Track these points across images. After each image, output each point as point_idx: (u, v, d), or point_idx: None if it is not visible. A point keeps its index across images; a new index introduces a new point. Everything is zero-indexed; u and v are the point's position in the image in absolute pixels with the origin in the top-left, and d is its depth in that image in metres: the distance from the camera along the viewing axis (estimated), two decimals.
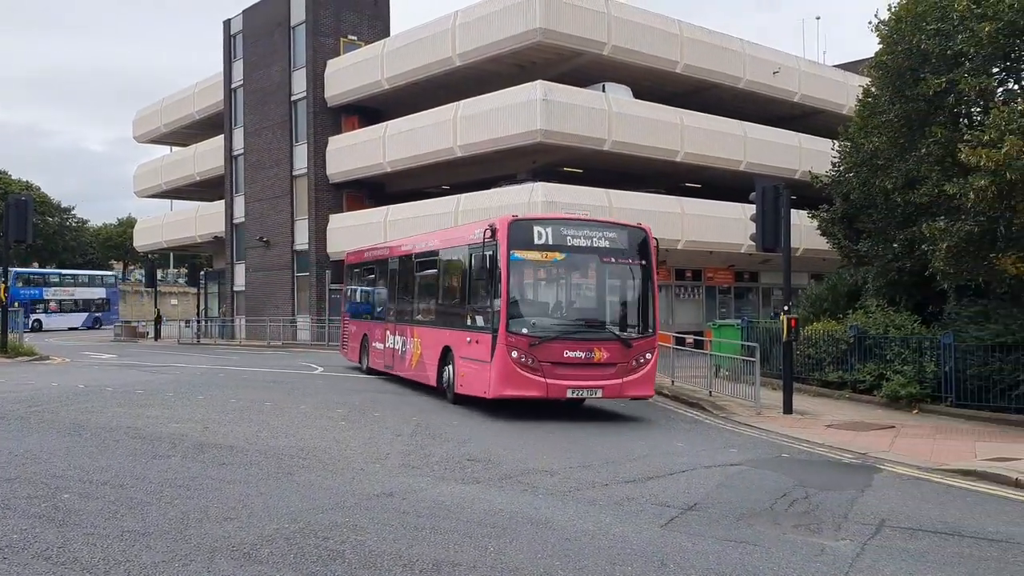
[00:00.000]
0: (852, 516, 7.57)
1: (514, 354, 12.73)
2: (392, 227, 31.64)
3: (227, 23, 43.01)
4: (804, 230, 26.69)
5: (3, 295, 24.52)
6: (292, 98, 38.32)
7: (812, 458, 10.90)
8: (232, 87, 42.70)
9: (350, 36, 37.57)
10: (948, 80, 14.39)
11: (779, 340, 15.93)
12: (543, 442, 11.23)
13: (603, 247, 13.58)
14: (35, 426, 11.37)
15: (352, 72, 35.54)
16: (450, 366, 14.81)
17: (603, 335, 13.40)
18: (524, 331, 12.88)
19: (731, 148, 32.31)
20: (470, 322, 14.06)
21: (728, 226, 30.39)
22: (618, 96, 29.82)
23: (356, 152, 35.46)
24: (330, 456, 9.63)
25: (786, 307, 14.77)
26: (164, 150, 53.95)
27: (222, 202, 43.90)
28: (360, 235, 32.27)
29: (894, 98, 16.45)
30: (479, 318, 13.76)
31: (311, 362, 25.23)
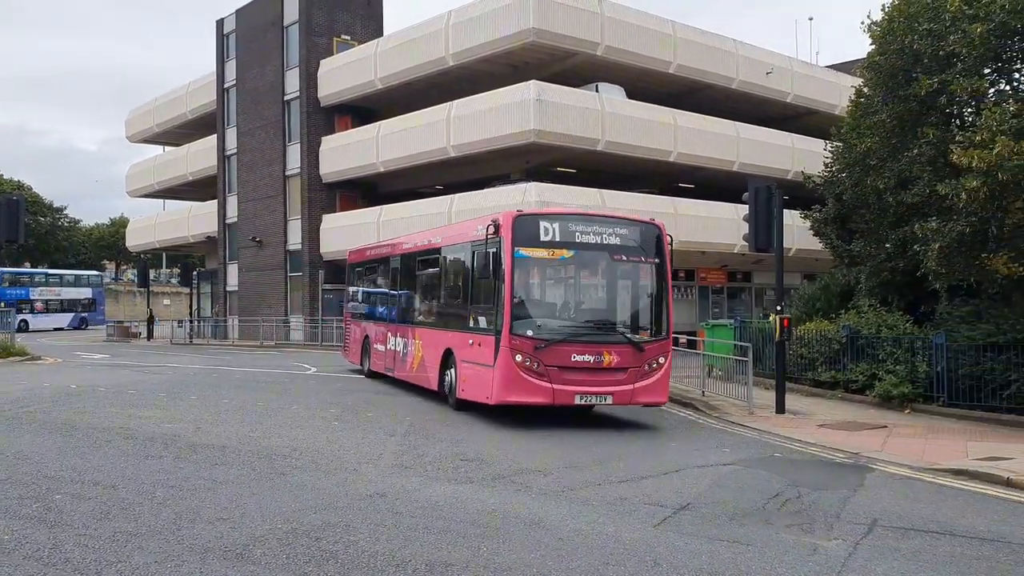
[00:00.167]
0: (844, 516, 7.59)
1: (518, 358, 11.99)
2: (385, 227, 31.61)
3: (220, 22, 42.92)
4: (797, 230, 26.76)
5: None
6: (285, 98, 38.26)
7: (805, 458, 10.92)
8: (225, 87, 42.61)
9: (343, 36, 37.52)
10: (940, 81, 14.42)
11: (772, 340, 15.96)
12: (536, 442, 11.23)
13: (614, 244, 12.78)
14: (27, 426, 11.33)
15: (345, 72, 35.50)
16: (452, 370, 14.12)
17: (613, 338, 12.64)
18: (529, 333, 12.13)
19: (724, 148, 32.39)
20: (472, 323, 13.35)
21: (721, 226, 30.44)
22: (611, 96, 29.86)
23: (349, 152, 35.41)
24: (323, 456, 9.62)
25: (779, 307, 14.80)
26: (157, 150, 53.85)
27: (215, 202, 43.79)
28: (353, 235, 32.25)
29: (886, 98, 16.49)
30: (482, 319, 13.05)
31: (304, 363, 25.18)
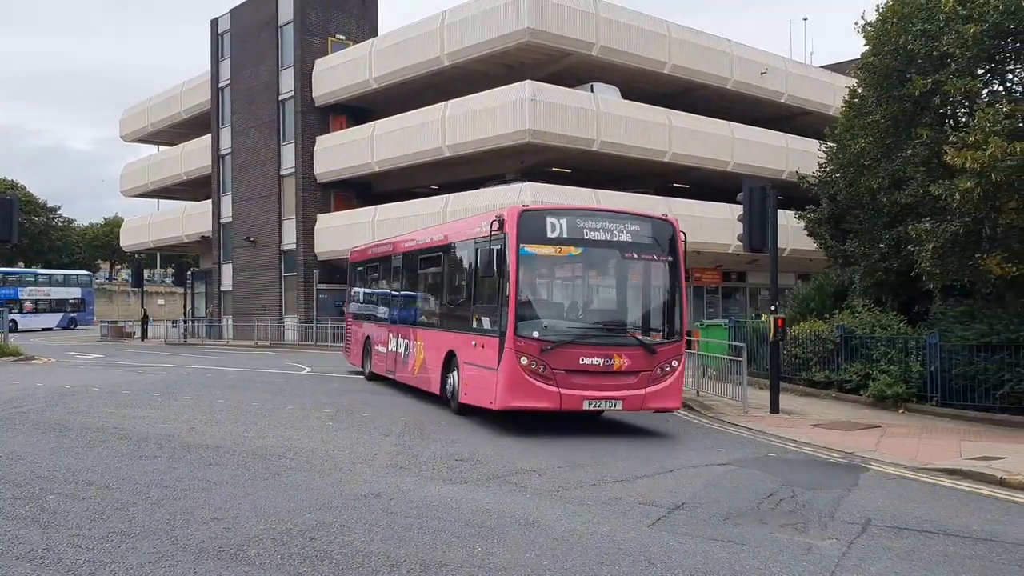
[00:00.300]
0: (838, 515, 7.60)
1: (523, 360, 11.34)
2: (380, 227, 31.58)
3: (215, 22, 42.86)
4: (791, 230, 26.80)
5: None
6: (280, 97, 38.22)
7: (799, 457, 10.94)
8: (219, 86, 42.55)
9: (338, 35, 37.50)
10: (934, 81, 14.46)
11: (766, 340, 15.98)
12: (531, 442, 11.22)
13: (625, 241, 12.13)
14: (20, 427, 11.29)
15: (340, 71, 35.47)
16: (454, 373, 13.51)
17: (624, 340, 12.04)
18: (535, 335, 11.48)
19: (719, 149, 32.45)
20: (476, 324, 12.75)
21: (716, 226, 30.48)
22: (606, 96, 29.89)
23: (344, 152, 35.39)
24: (317, 456, 9.60)
25: (773, 307, 14.82)
26: (151, 149, 53.76)
27: (209, 202, 43.74)
28: (348, 235, 32.23)
29: (880, 99, 16.54)
30: (485, 320, 12.43)
31: (299, 363, 25.14)
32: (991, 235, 13.79)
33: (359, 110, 36.42)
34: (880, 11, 16.54)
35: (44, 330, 54.43)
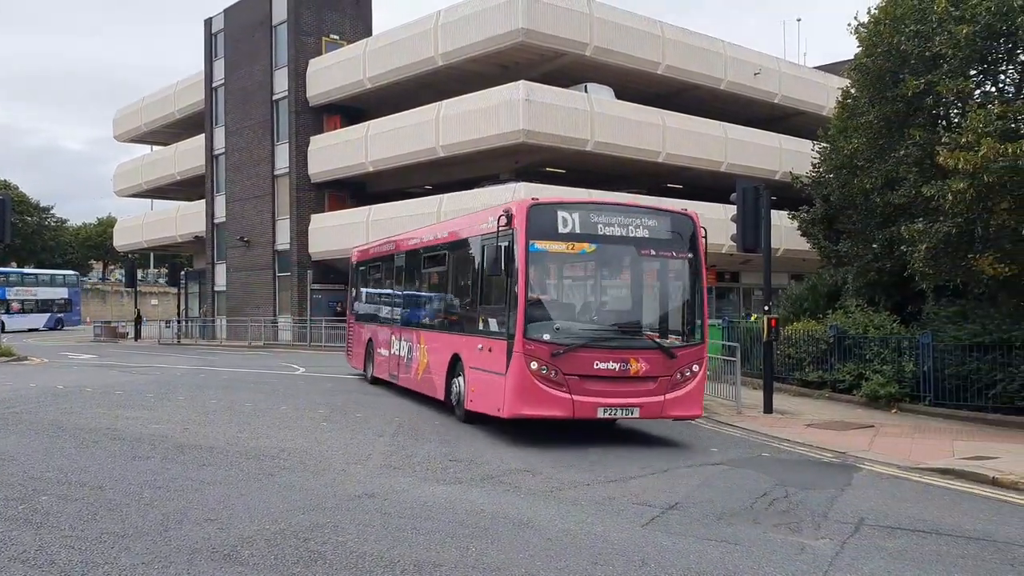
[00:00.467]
0: (832, 515, 7.62)
1: (533, 365, 10.61)
2: (374, 227, 31.55)
3: (208, 22, 42.76)
4: (784, 231, 26.87)
5: None
6: (274, 97, 38.15)
7: (792, 457, 10.96)
8: (213, 86, 42.45)
9: (332, 35, 37.45)
10: (927, 81, 14.51)
11: (760, 340, 16.01)
12: (525, 442, 11.21)
13: (641, 237, 11.39)
14: (12, 427, 11.26)
15: (334, 71, 35.43)
16: (460, 378, 12.75)
17: (641, 343, 11.30)
18: (546, 337, 10.72)
19: (712, 149, 32.50)
20: (482, 326, 12.02)
21: (709, 227, 29.91)
22: (600, 97, 29.92)
23: (338, 152, 35.34)
24: (311, 457, 9.59)
25: (766, 307, 14.85)
26: (145, 149, 53.63)
27: (203, 202, 43.63)
28: (342, 236, 32.21)
29: (873, 99, 16.58)
30: (493, 322, 11.69)
31: (292, 363, 25.11)
32: (983, 236, 13.84)
33: (353, 110, 36.38)
34: (873, 12, 16.59)
35: (30, 331, 53.49)
